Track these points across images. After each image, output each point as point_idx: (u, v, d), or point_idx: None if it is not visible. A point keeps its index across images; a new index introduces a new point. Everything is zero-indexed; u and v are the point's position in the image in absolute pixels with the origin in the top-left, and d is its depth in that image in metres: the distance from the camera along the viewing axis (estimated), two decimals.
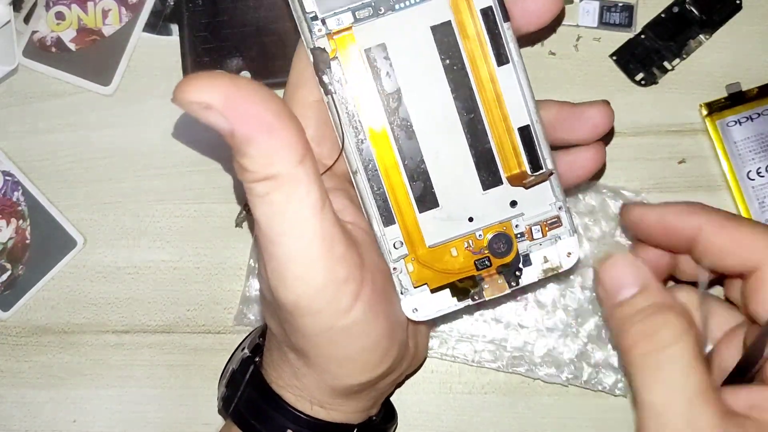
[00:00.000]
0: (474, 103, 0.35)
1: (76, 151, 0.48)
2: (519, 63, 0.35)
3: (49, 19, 0.48)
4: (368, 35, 0.34)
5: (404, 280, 0.36)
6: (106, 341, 0.47)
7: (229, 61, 0.47)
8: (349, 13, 0.34)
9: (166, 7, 0.48)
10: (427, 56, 0.35)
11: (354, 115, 0.34)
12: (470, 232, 0.36)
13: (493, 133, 0.35)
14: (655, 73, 0.47)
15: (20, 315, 0.48)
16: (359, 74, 0.34)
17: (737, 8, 0.47)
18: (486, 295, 0.36)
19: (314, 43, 0.34)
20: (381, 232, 0.35)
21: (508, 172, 0.36)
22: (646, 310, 0.31)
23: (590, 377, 0.45)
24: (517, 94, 0.35)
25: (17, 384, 0.47)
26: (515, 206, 0.36)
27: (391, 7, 0.34)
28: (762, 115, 0.46)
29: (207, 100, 0.29)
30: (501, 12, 0.34)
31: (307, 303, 0.31)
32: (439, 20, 0.35)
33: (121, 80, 0.48)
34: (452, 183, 0.36)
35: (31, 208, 0.48)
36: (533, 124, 0.35)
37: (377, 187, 0.35)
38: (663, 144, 0.47)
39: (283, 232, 0.31)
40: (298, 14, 0.34)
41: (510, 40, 0.35)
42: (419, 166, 0.35)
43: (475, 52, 0.35)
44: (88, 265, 0.48)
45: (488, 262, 0.36)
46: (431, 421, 0.46)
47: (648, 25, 0.47)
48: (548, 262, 0.37)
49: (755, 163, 0.45)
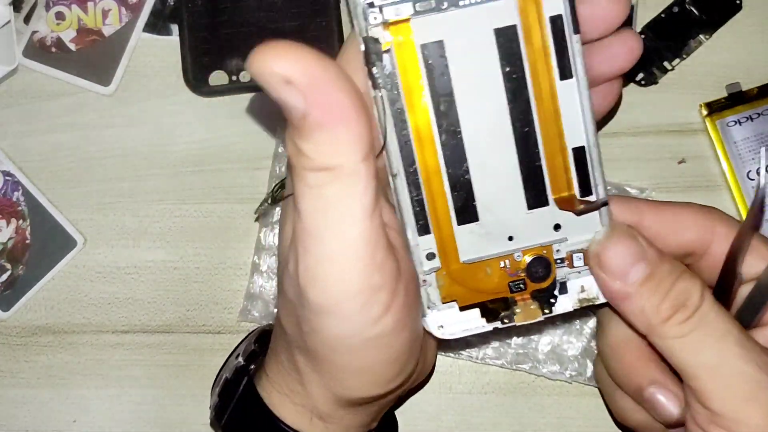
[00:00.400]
0: (530, 116, 0.32)
1: (76, 151, 0.48)
2: (583, 79, 0.32)
3: (49, 19, 0.48)
4: (426, 30, 0.31)
5: (432, 295, 0.34)
6: (106, 341, 0.47)
7: (229, 61, 0.47)
8: (410, 3, 0.31)
9: (166, 7, 0.48)
10: (487, 60, 0.32)
11: (401, 113, 0.32)
12: (508, 252, 0.34)
13: (545, 150, 0.33)
14: (655, 73, 0.47)
15: (20, 315, 0.48)
16: (412, 70, 0.31)
17: (737, 8, 0.47)
18: (517, 320, 0.34)
19: (368, 32, 0.31)
20: (415, 241, 0.33)
21: (557, 194, 0.33)
22: (667, 282, 0.32)
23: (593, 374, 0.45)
24: (577, 112, 0.32)
25: (17, 384, 0.47)
26: (559, 230, 0.34)
27: (454, 3, 0.31)
28: (762, 115, 0.46)
29: (289, 74, 0.26)
30: (572, 22, 0.32)
31: (337, 306, 0.30)
32: (504, 23, 0.32)
33: (121, 80, 0.48)
34: (495, 197, 0.33)
35: (31, 208, 0.48)
36: (589, 147, 0.33)
37: (416, 193, 0.32)
38: (663, 144, 0.47)
39: (328, 228, 0.29)
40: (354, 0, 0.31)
41: (577, 54, 0.32)
42: (463, 175, 0.33)
43: (538, 61, 0.32)
44: (88, 265, 0.48)
45: (523, 286, 0.34)
46: (431, 421, 0.46)
47: (648, 25, 0.47)
48: (585, 291, 0.34)
49: (755, 163, 0.45)
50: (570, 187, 0.33)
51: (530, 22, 0.32)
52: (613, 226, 0.33)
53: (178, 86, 0.48)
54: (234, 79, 0.47)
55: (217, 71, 0.47)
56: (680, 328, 0.31)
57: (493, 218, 0.33)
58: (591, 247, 0.33)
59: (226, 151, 0.48)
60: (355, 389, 0.33)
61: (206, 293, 0.47)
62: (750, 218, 0.33)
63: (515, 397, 0.46)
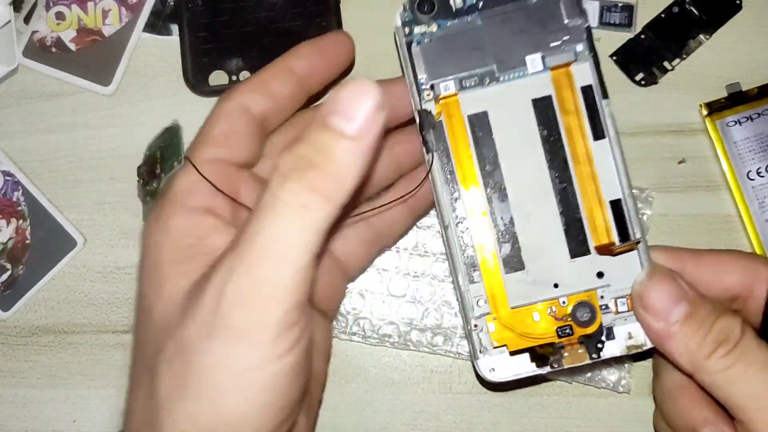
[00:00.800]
0: (568, 174, 0.37)
1: (76, 151, 0.48)
2: (615, 138, 0.36)
3: (49, 19, 0.48)
4: (472, 102, 0.37)
5: (484, 339, 0.36)
6: (106, 341, 0.47)
7: (229, 61, 0.47)
8: (456, 81, 0.37)
9: (166, 8, 0.48)
10: (526, 126, 0.37)
11: (452, 173, 0.37)
12: (554, 298, 0.36)
13: (584, 204, 0.36)
14: (655, 73, 0.47)
15: (20, 315, 0.48)
16: (461, 136, 0.37)
17: (737, 8, 0.47)
18: (565, 363, 0.36)
19: (421, 105, 0.37)
20: (466, 287, 0.36)
21: (597, 243, 0.36)
22: (708, 320, 0.33)
23: (594, 374, 0.45)
24: (611, 169, 0.36)
25: (17, 384, 0.47)
26: (602, 277, 0.36)
27: (495, 79, 0.37)
28: (762, 115, 0.46)
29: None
30: (601, 90, 0.37)
31: (254, 333, 0.29)
32: (540, 94, 0.37)
33: (122, 80, 0.48)
34: (540, 248, 0.36)
35: (31, 208, 0.48)
36: (625, 198, 0.36)
37: (466, 244, 0.36)
38: (663, 144, 0.47)
39: (274, 252, 0.28)
40: (410, 79, 0.37)
41: (607, 116, 0.36)
42: (509, 228, 0.37)
43: (573, 125, 0.37)
44: (88, 265, 0.48)
45: (570, 331, 0.36)
46: (431, 421, 0.46)
47: (648, 25, 0.47)
48: (632, 338, 0.36)
49: (755, 163, 0.45)
50: (609, 235, 0.36)
51: (563, 92, 0.37)
52: (654, 267, 0.35)
53: (178, 86, 0.48)
54: (234, 79, 0.47)
55: (217, 71, 0.47)
56: (723, 361, 0.32)
57: (538, 267, 0.36)
58: (633, 287, 0.35)
59: None
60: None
61: None
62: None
63: (515, 397, 0.46)
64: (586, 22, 0.37)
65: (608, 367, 0.45)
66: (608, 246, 0.36)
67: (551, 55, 0.37)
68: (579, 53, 0.37)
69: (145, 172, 0.42)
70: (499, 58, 0.37)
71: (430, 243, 0.46)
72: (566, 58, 0.37)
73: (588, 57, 0.37)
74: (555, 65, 0.37)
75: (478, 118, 0.37)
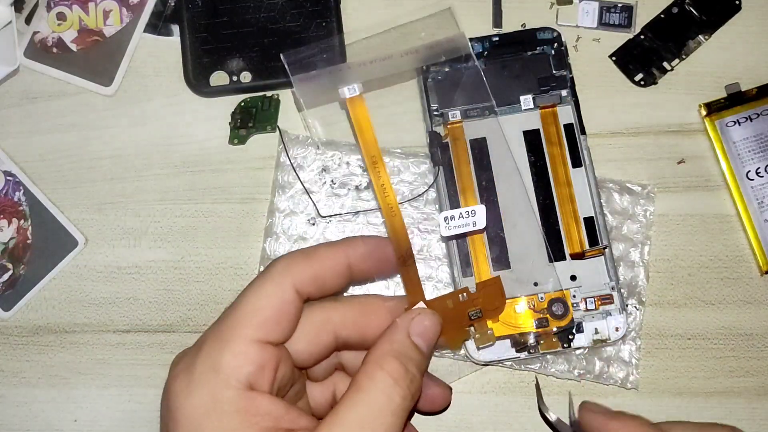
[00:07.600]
0: (550, 193, 0.45)
1: (77, 151, 0.48)
2: (590, 167, 0.45)
3: (51, 19, 0.49)
4: (474, 129, 0.46)
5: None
6: (107, 341, 0.47)
7: (230, 62, 0.47)
8: (462, 111, 0.46)
9: (167, 8, 0.49)
10: (518, 152, 0.45)
11: (454, 185, 0.45)
12: (533, 294, 0.44)
13: (563, 219, 0.45)
14: (655, 74, 0.47)
15: (21, 315, 0.48)
16: (462, 156, 0.45)
17: (737, 8, 0.47)
18: (541, 349, 0.44)
19: (432, 127, 0.46)
20: (459, 280, 0.44)
21: (572, 250, 0.44)
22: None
23: (602, 371, 0.45)
24: (586, 191, 0.45)
25: (18, 384, 0.47)
26: (575, 280, 0.44)
27: (494, 112, 0.45)
28: (761, 115, 0.46)
29: None
30: (579, 127, 0.45)
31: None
32: (530, 127, 0.46)
33: (122, 81, 0.48)
34: (524, 252, 0.44)
35: (32, 208, 0.48)
36: (596, 216, 0.44)
37: (462, 245, 0.44)
38: (663, 144, 0.47)
39: None
40: (424, 107, 0.46)
41: (584, 148, 0.45)
42: (499, 234, 0.44)
43: (556, 154, 0.45)
44: (89, 264, 0.48)
45: (546, 323, 0.43)
46: (431, 421, 0.46)
47: (647, 25, 0.47)
48: (598, 333, 0.44)
49: (754, 163, 0.46)
50: (583, 245, 0.44)
51: (549, 127, 0.46)
52: None
53: (179, 86, 0.48)
54: (234, 79, 0.47)
55: (218, 72, 0.47)
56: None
57: (521, 267, 0.44)
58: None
59: (226, 151, 0.48)
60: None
61: (207, 293, 0.47)
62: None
63: (515, 397, 0.46)
64: (570, 74, 0.46)
65: (615, 363, 0.45)
66: (581, 254, 0.44)
67: (541, 96, 0.46)
68: (563, 98, 0.46)
69: (239, 119, 0.47)
70: (498, 96, 0.45)
71: (434, 248, 0.46)
72: (553, 101, 0.46)
73: (570, 101, 0.46)
74: (543, 105, 0.46)
75: (478, 143, 0.45)
